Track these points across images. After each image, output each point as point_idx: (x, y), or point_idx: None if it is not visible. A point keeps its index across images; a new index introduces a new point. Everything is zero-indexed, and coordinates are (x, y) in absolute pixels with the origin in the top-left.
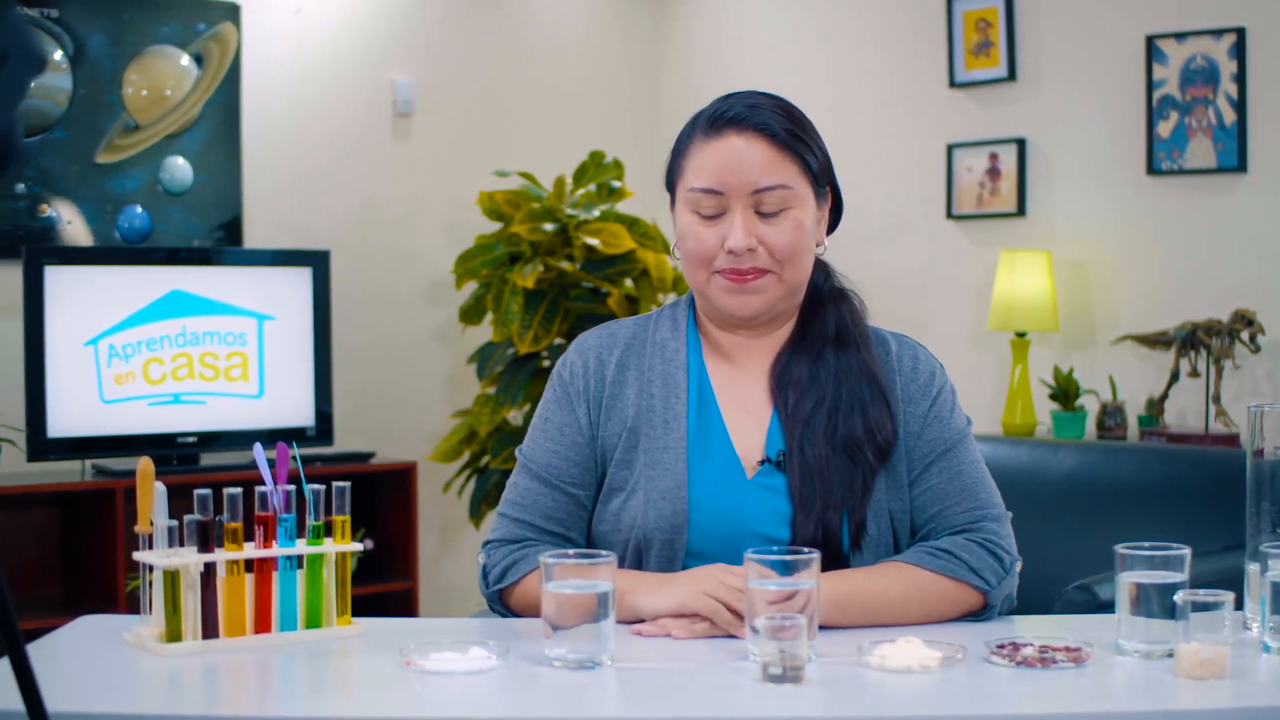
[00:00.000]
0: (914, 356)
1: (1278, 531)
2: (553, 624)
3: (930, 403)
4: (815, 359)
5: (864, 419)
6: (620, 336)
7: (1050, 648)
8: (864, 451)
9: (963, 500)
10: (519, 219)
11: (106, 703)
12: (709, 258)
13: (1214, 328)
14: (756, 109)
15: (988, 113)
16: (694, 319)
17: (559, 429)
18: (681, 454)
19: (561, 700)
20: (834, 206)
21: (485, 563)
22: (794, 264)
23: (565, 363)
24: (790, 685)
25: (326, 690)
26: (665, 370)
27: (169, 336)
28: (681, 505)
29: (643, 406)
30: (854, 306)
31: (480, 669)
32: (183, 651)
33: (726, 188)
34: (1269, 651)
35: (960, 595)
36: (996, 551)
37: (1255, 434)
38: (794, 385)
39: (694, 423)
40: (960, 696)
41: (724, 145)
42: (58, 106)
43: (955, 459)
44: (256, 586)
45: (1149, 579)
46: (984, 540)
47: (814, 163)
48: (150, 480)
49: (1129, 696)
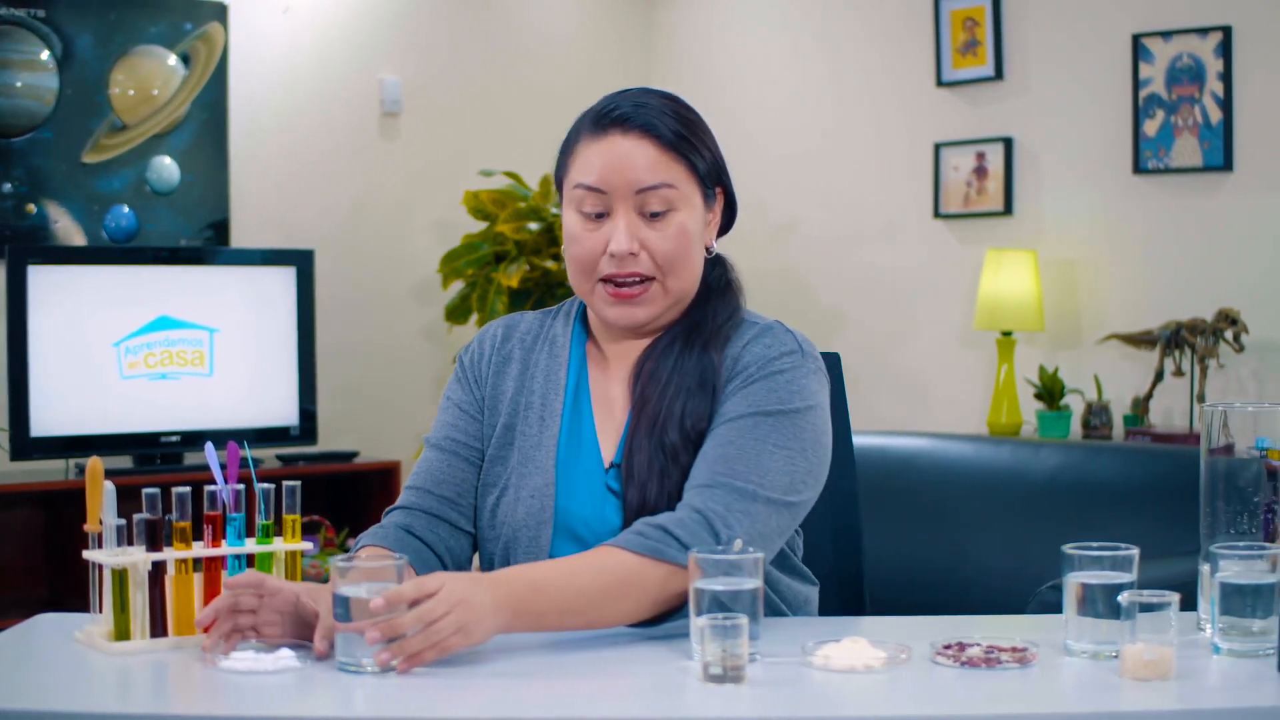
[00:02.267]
0: (762, 342)
1: (1232, 532)
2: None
3: (746, 380)
4: (663, 355)
5: (683, 413)
6: (518, 329)
7: (997, 648)
8: (681, 454)
9: (713, 464)
10: (504, 218)
11: (50, 701)
12: (592, 264)
13: (1198, 327)
14: (644, 108)
15: (975, 112)
16: (582, 316)
17: (457, 405)
18: (552, 454)
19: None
20: (727, 207)
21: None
22: (677, 271)
23: (468, 349)
24: (731, 685)
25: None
26: (549, 367)
27: (153, 336)
28: (549, 504)
29: (520, 403)
30: (729, 301)
31: (278, 669)
32: (130, 650)
33: (609, 187)
34: (1219, 653)
35: (674, 578)
36: (714, 524)
37: (1209, 434)
38: (641, 384)
39: (567, 421)
40: (903, 697)
41: (608, 144)
42: (45, 106)
43: (738, 430)
44: (206, 585)
45: (1095, 579)
46: (705, 509)
47: (701, 164)
48: (99, 479)
49: (1072, 697)
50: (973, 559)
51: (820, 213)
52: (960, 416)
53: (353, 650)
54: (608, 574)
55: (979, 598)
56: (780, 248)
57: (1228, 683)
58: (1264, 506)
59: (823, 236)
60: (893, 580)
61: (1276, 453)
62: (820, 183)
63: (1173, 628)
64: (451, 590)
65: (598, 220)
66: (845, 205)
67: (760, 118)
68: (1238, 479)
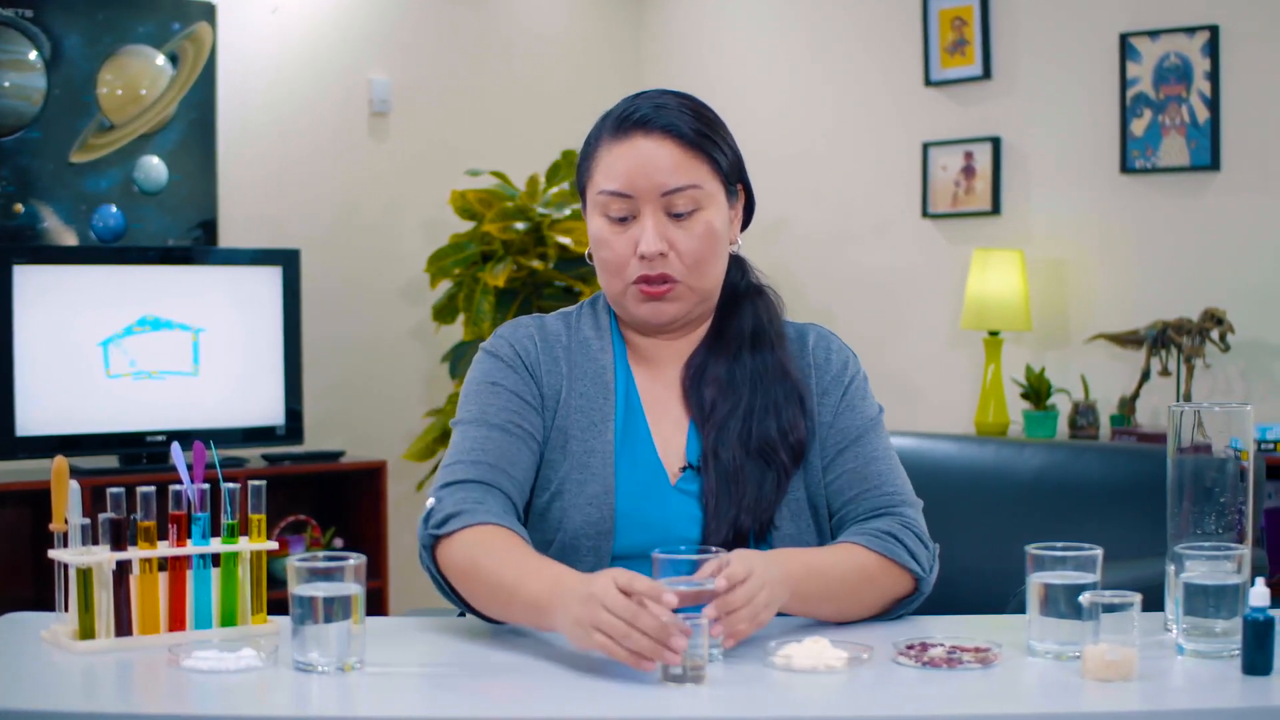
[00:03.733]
0: (827, 348)
1: (1199, 532)
2: (298, 625)
3: (843, 392)
4: (732, 360)
5: (778, 421)
6: (550, 331)
7: (959, 648)
8: (778, 454)
9: (880, 485)
10: (490, 218)
11: (14, 699)
12: (622, 266)
13: (1184, 326)
14: (663, 109)
15: (963, 111)
16: (615, 320)
17: (514, 391)
18: (610, 459)
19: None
20: (747, 204)
21: (433, 506)
22: (704, 270)
23: (501, 346)
24: (692, 685)
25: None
26: (594, 371)
27: (139, 336)
28: (609, 512)
29: (572, 406)
30: (769, 303)
31: (240, 669)
32: (95, 649)
33: (635, 190)
34: (1184, 654)
35: (899, 580)
36: (922, 537)
37: (1176, 434)
38: (709, 388)
39: (621, 427)
40: (863, 697)
41: (631, 147)
42: (32, 106)
43: (868, 444)
44: (171, 585)
45: (1058, 579)
46: (911, 525)
47: (724, 161)
48: (65, 479)
49: (1032, 698)
50: (956, 558)
51: (808, 212)
52: (947, 416)
53: (306, 650)
54: (859, 568)
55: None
56: (768, 247)
57: (1190, 683)
58: (1233, 507)
59: (811, 236)
60: None
61: (1247, 454)
62: (808, 182)
63: (1135, 628)
64: (761, 569)
65: (624, 224)
66: (833, 204)
67: (748, 117)
68: (1204, 479)
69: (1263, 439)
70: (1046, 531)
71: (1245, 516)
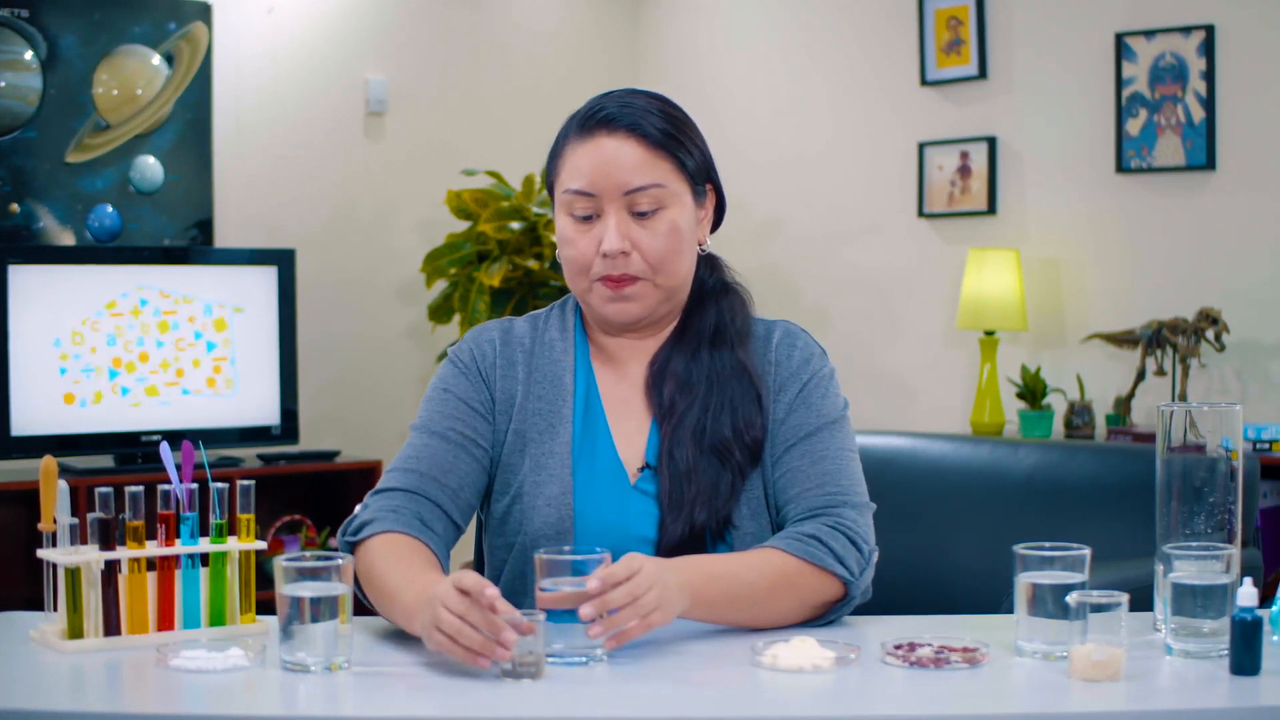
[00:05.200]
0: (790, 345)
1: (1187, 532)
2: (286, 625)
3: (800, 389)
4: (690, 359)
5: (733, 419)
6: (515, 334)
7: (947, 648)
8: (733, 452)
9: (821, 484)
10: (485, 218)
11: (2, 699)
12: (586, 265)
13: (1180, 326)
14: (629, 109)
15: (958, 111)
16: (581, 321)
17: (462, 399)
18: (567, 460)
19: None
20: (718, 205)
21: (356, 512)
22: (667, 269)
23: (463, 350)
24: (528, 680)
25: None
26: (553, 373)
27: (135, 335)
28: (567, 513)
29: (529, 409)
30: (738, 302)
31: (228, 668)
32: (84, 649)
33: (598, 189)
34: (1172, 654)
35: (824, 584)
36: (855, 540)
37: (1165, 434)
38: (668, 386)
39: (580, 428)
40: (850, 698)
41: (595, 146)
42: (28, 106)
43: (819, 443)
44: (160, 584)
45: (1045, 579)
46: (842, 527)
47: (690, 162)
48: (53, 478)
49: (1019, 698)
50: (951, 558)
51: (804, 212)
52: (943, 416)
53: (293, 650)
54: (773, 573)
55: (957, 597)
56: (764, 247)
57: (1177, 684)
58: (1223, 507)
59: (806, 236)
60: (873, 579)
61: (1236, 454)
62: (804, 182)
63: (1123, 628)
64: (650, 570)
65: (589, 222)
66: (829, 204)
67: (744, 116)
68: (1194, 479)
69: (1258, 439)
70: (1041, 531)
71: (1235, 516)
